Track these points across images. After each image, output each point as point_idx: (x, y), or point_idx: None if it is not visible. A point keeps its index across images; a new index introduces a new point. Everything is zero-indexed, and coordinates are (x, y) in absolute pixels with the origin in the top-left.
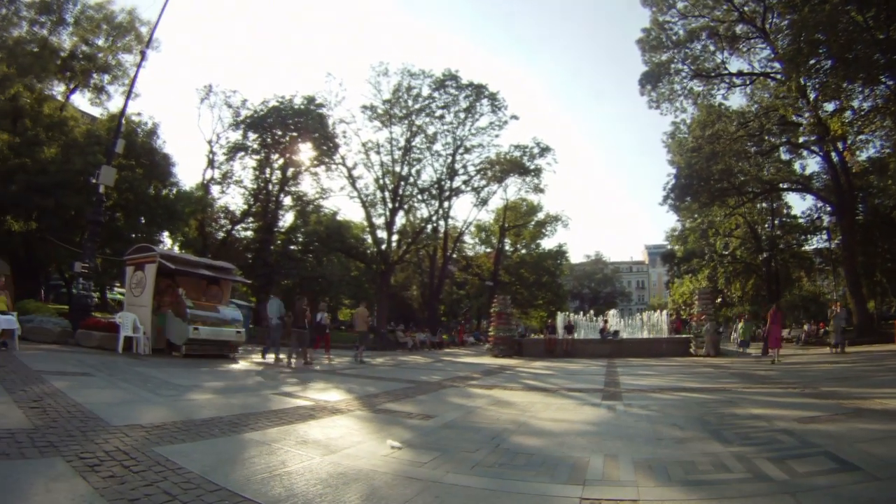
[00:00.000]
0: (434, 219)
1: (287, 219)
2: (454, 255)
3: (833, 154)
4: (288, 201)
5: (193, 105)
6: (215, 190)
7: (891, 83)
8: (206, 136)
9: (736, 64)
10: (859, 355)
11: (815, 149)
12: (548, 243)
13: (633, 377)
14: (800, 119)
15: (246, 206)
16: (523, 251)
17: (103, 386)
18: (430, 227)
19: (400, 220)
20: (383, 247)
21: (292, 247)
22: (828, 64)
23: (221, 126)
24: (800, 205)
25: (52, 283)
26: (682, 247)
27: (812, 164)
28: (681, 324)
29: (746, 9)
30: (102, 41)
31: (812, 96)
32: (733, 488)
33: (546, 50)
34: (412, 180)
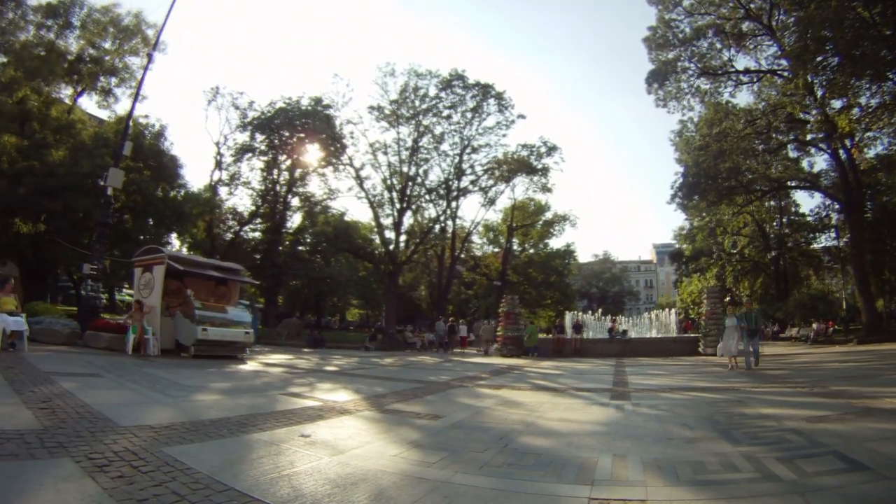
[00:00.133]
0: (442, 219)
1: (295, 220)
2: (462, 255)
3: (841, 151)
4: (296, 202)
5: (201, 107)
6: (223, 191)
7: None
8: (213, 137)
9: (743, 61)
10: (869, 354)
11: (823, 146)
12: (556, 243)
13: (641, 377)
14: (807, 116)
15: (254, 208)
16: (531, 251)
17: (112, 387)
18: (437, 227)
19: (408, 220)
20: (391, 247)
21: (300, 247)
22: (835, 61)
23: (229, 127)
24: (808, 203)
25: (60, 284)
26: (690, 245)
27: (820, 162)
28: (690, 323)
29: (752, 6)
30: (109, 44)
31: (819, 93)
32: (742, 488)
33: (552, 49)
34: (420, 180)
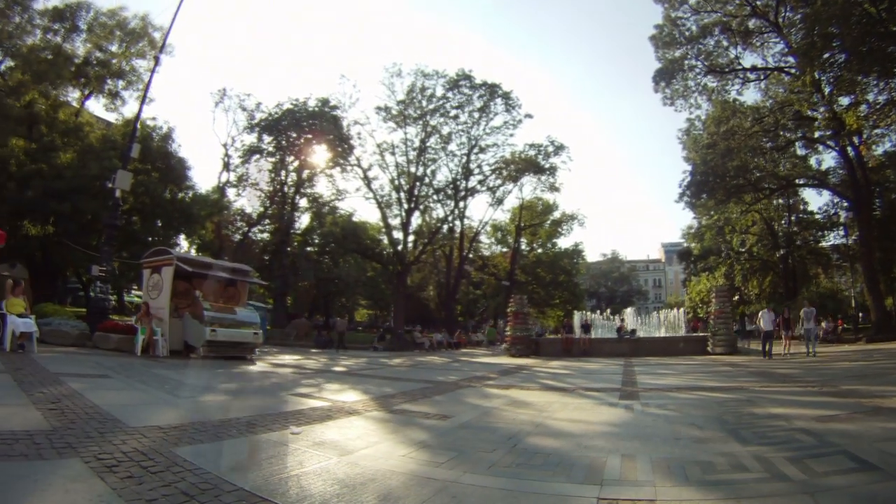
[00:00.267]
0: (450, 219)
1: (303, 220)
2: (470, 255)
3: (849, 149)
4: (304, 203)
5: (208, 109)
6: (231, 193)
7: None
8: (221, 139)
9: (749, 59)
10: (878, 352)
11: (831, 143)
12: (564, 242)
13: (650, 376)
14: (815, 114)
15: (262, 209)
16: (539, 250)
17: (121, 388)
18: (445, 227)
19: (416, 220)
20: (399, 247)
21: (308, 248)
22: (842, 57)
23: (236, 129)
24: (816, 200)
25: (69, 286)
26: (698, 244)
27: (828, 159)
28: (698, 322)
29: (759, 3)
30: (116, 47)
31: (827, 90)
32: (751, 488)
33: (558, 48)
34: (427, 181)
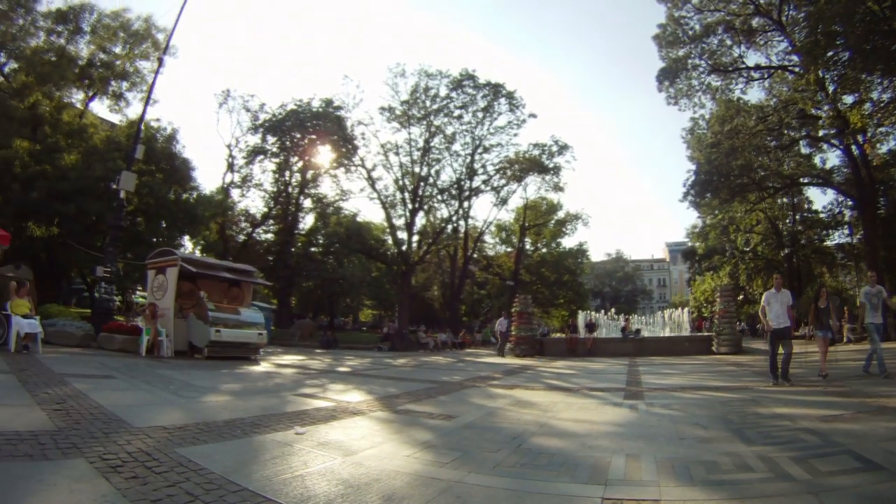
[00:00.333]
0: (454, 219)
1: (307, 221)
2: (475, 255)
3: (853, 147)
4: (308, 203)
5: (212, 110)
6: (235, 193)
7: None
8: (225, 140)
9: (753, 58)
10: (884, 352)
11: (835, 142)
12: (568, 242)
13: (655, 376)
14: (819, 112)
15: (266, 209)
16: (544, 250)
17: (125, 388)
18: (450, 227)
19: (420, 220)
20: (404, 247)
21: (313, 248)
22: (846, 56)
23: (240, 130)
24: (821, 199)
25: (73, 287)
26: (703, 244)
27: (832, 158)
28: (703, 322)
29: (762, 1)
30: (120, 49)
31: (831, 89)
32: (756, 488)
33: (561, 47)
34: (431, 181)
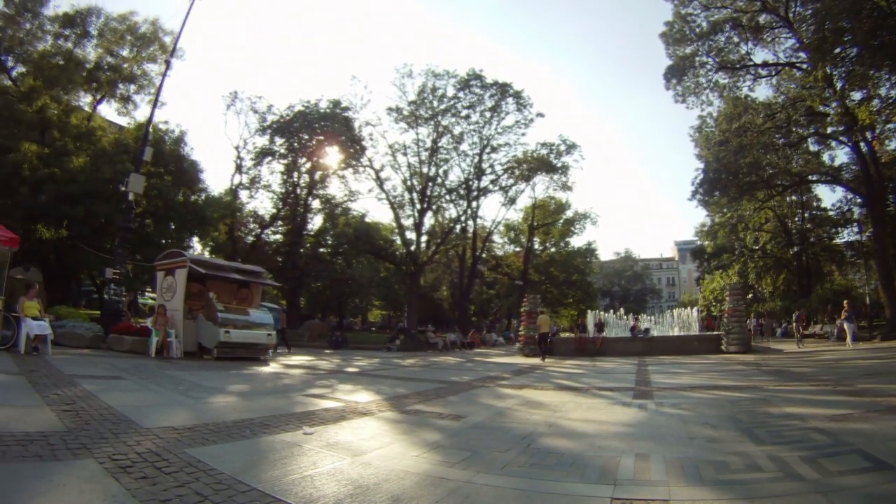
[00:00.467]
0: (462, 219)
1: (316, 222)
2: (483, 255)
3: (862, 144)
4: (316, 204)
5: (220, 111)
6: (244, 195)
7: None
8: (233, 141)
9: (761, 55)
10: (893, 350)
11: (844, 139)
12: (577, 241)
13: (664, 375)
14: (827, 109)
15: (275, 210)
16: (552, 249)
17: (135, 389)
18: (458, 227)
19: (428, 220)
20: (412, 248)
21: (321, 249)
22: (853, 52)
23: (248, 132)
24: (829, 197)
25: (83, 289)
26: (711, 242)
27: (841, 155)
28: (712, 321)
29: None
30: (127, 52)
31: (839, 85)
32: (765, 488)
33: (568, 46)
34: (440, 181)
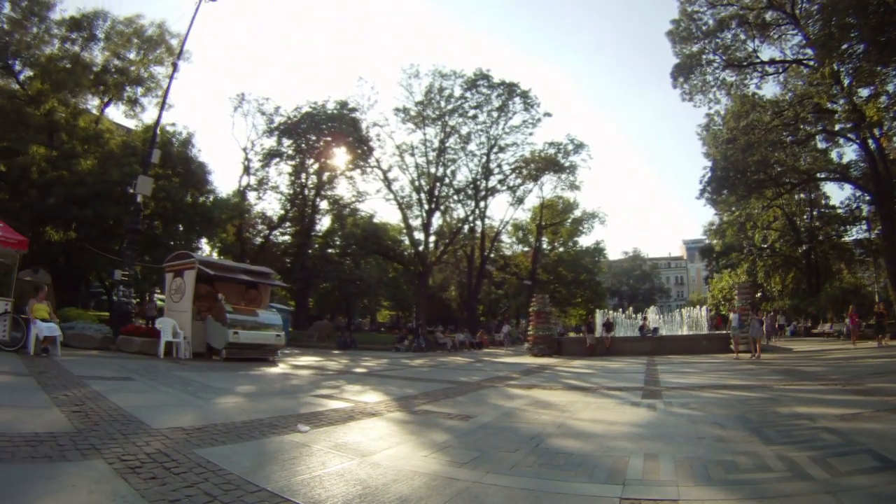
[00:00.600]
0: (471, 219)
1: (324, 223)
2: (492, 255)
3: (870, 141)
4: (324, 205)
5: (227, 113)
6: (252, 196)
7: None
8: (240, 143)
9: (767, 52)
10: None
11: (852, 136)
12: (585, 241)
13: (673, 375)
14: (835, 106)
15: (283, 212)
16: (561, 249)
17: (144, 390)
18: (466, 227)
19: (436, 220)
20: (421, 248)
21: (330, 250)
22: (860, 48)
23: (256, 133)
24: (838, 194)
25: (92, 290)
26: (720, 241)
27: (849, 153)
28: (721, 320)
29: None
30: (134, 55)
31: (846, 82)
32: (774, 488)
33: (573, 44)
34: (447, 181)
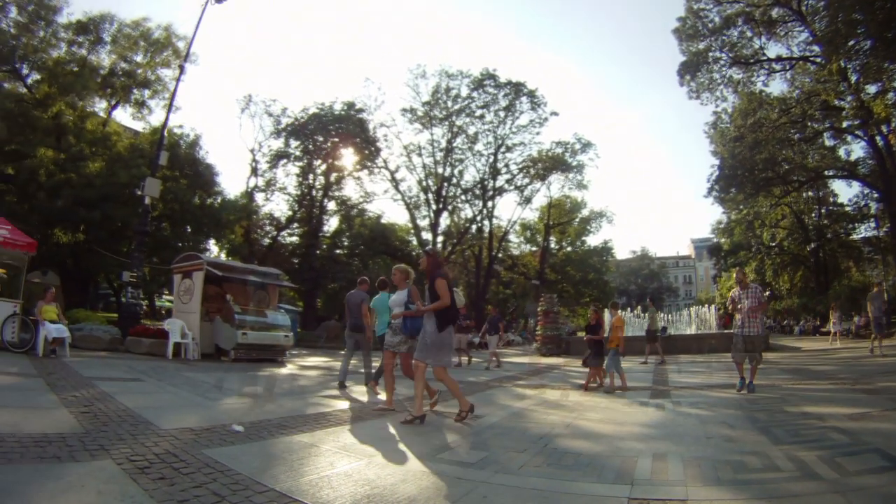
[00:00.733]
0: (478, 219)
1: (332, 223)
2: (499, 255)
3: (878, 138)
4: (332, 206)
5: (234, 115)
6: (259, 197)
7: None
8: (248, 145)
9: (774, 49)
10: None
11: (860, 133)
12: (593, 240)
13: (681, 374)
14: (842, 103)
15: (290, 213)
16: (569, 248)
17: (153, 391)
18: (474, 227)
19: (444, 221)
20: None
21: (338, 251)
22: (867, 44)
23: (263, 134)
24: (846, 192)
25: (100, 292)
26: (728, 239)
27: (857, 150)
28: (729, 319)
29: None
30: (141, 57)
31: (853, 79)
32: (782, 488)
33: (578, 43)
34: (455, 181)
